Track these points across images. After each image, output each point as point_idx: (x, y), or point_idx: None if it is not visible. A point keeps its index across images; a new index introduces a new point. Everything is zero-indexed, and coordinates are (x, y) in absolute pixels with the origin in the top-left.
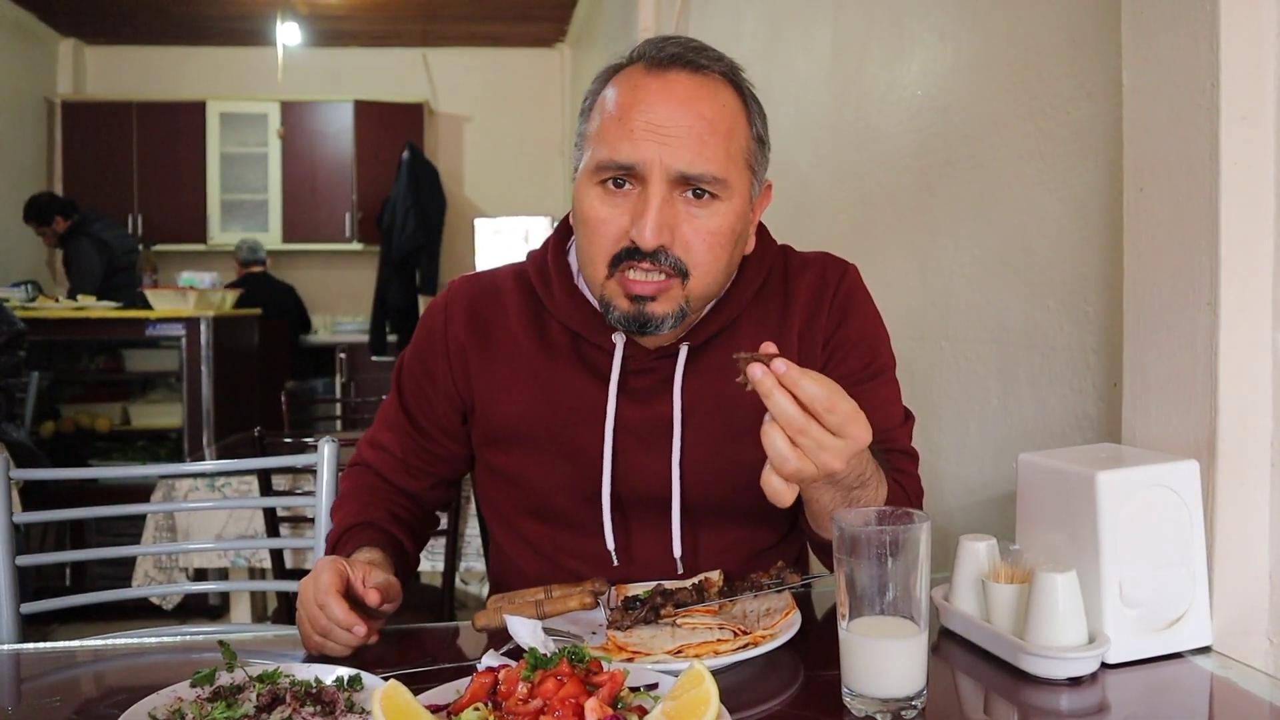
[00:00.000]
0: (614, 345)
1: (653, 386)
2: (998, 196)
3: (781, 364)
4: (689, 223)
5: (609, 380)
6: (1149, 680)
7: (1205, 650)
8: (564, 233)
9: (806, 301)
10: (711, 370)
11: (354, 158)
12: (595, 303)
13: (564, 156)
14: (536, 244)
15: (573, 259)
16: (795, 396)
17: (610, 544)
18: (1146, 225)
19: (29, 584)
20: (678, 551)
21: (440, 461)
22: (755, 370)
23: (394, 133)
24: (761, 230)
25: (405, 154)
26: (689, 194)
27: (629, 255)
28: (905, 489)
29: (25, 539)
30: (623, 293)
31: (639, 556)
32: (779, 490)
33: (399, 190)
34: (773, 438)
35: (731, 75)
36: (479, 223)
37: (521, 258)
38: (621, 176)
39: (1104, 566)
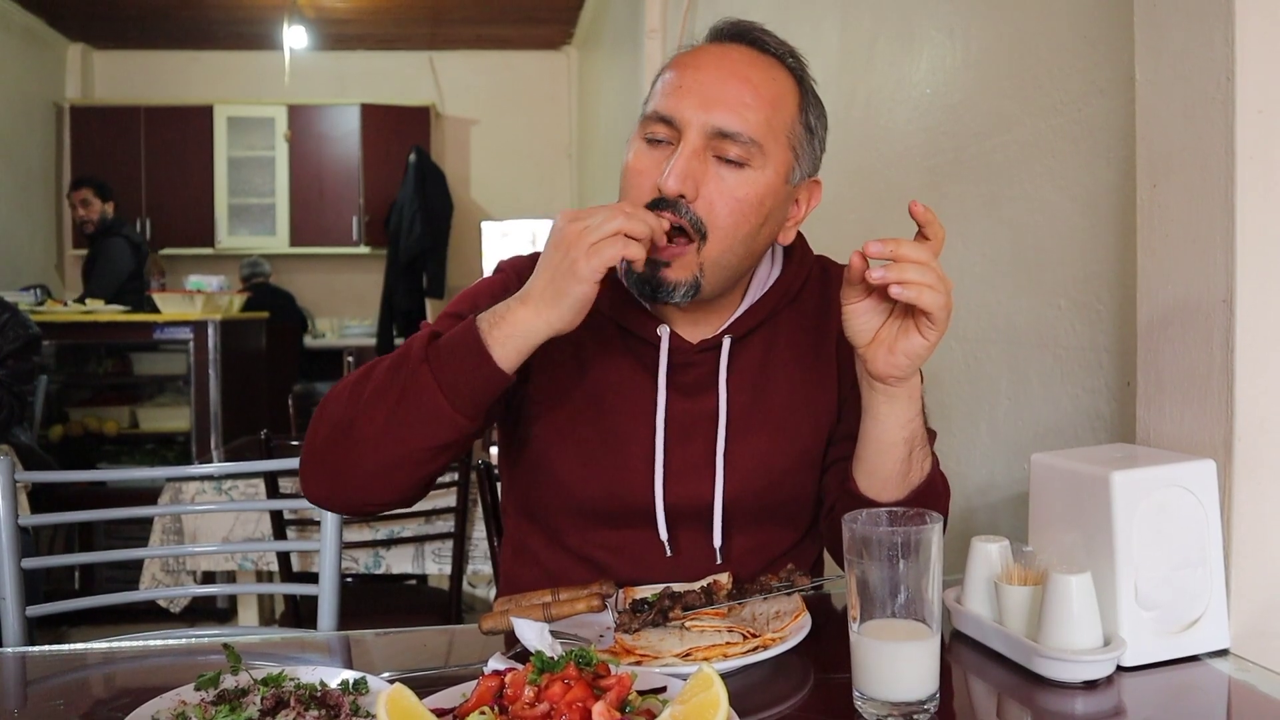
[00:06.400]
0: (659, 338)
1: (698, 381)
2: (1008, 195)
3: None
4: (715, 183)
5: (655, 372)
6: (1165, 683)
7: (1223, 653)
8: None
9: None
10: (751, 364)
11: (361, 161)
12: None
13: (571, 159)
14: (543, 247)
15: None
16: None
17: (663, 534)
18: (1160, 222)
19: (39, 587)
20: (718, 542)
21: None
22: (875, 272)
23: (401, 136)
24: (800, 236)
25: (412, 157)
26: (723, 159)
27: (654, 207)
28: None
29: (35, 543)
30: None
31: (681, 550)
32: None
33: (406, 193)
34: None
35: (793, 63)
36: (486, 226)
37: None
38: (662, 134)
39: (1119, 568)
